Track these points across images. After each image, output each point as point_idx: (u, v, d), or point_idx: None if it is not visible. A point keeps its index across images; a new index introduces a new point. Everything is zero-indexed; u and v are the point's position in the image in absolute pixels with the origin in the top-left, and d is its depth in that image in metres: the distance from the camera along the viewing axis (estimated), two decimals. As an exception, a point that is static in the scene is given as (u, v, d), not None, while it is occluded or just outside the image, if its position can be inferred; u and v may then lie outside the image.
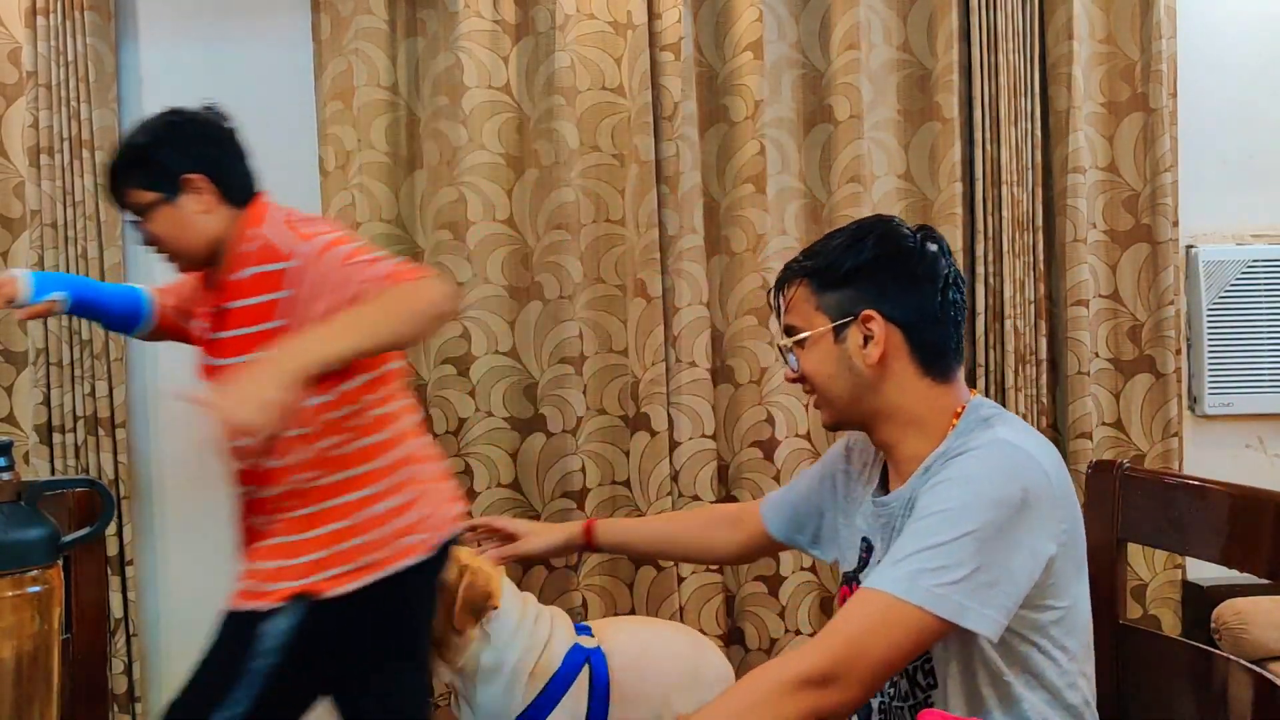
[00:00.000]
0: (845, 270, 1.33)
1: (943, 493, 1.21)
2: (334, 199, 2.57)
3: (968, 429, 1.30)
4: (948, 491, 1.21)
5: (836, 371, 1.33)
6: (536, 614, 2.07)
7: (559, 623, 2.10)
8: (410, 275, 1.62)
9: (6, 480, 0.92)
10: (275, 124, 2.64)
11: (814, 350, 1.34)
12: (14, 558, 0.91)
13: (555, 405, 2.62)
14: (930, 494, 1.22)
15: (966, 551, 1.16)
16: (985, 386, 2.65)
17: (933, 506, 1.20)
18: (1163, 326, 2.69)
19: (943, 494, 1.21)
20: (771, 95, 2.66)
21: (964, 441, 1.27)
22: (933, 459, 1.29)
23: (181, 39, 2.62)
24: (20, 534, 0.91)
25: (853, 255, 1.33)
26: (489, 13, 2.58)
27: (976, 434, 1.27)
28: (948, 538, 1.17)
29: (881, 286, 1.32)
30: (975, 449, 1.24)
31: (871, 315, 1.31)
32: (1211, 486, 1.34)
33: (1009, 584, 1.18)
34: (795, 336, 1.36)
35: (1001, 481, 1.20)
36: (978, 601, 1.16)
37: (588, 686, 2.04)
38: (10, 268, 2.54)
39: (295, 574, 1.65)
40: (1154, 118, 2.67)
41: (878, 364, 1.31)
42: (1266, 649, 2.43)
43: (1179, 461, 2.70)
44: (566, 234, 2.60)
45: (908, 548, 1.19)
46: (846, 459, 1.50)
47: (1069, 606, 1.26)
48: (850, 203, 2.64)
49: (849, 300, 1.32)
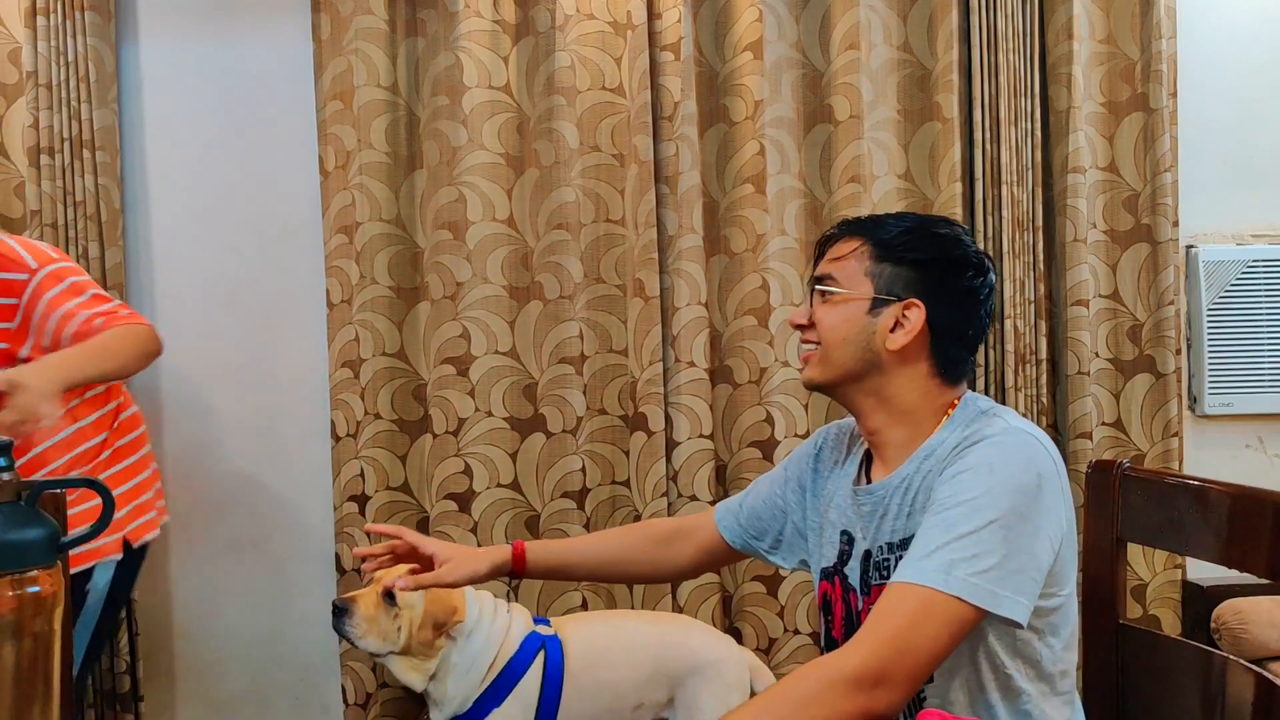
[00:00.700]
0: (912, 255, 1.33)
1: (965, 482, 1.21)
2: (334, 199, 2.57)
3: (968, 420, 1.30)
4: (970, 481, 1.21)
5: (851, 337, 1.32)
6: (495, 606, 2.18)
7: (516, 613, 2.20)
8: (128, 320, 1.95)
9: (6, 480, 0.92)
10: (275, 124, 2.65)
11: (841, 308, 1.33)
12: (14, 558, 0.91)
13: (555, 405, 2.62)
14: (951, 484, 1.22)
15: (995, 539, 1.16)
16: (985, 386, 2.65)
17: (958, 497, 1.20)
18: (1163, 326, 2.69)
19: (966, 484, 1.21)
20: (771, 95, 2.66)
21: (976, 431, 1.26)
22: (931, 447, 1.29)
23: (181, 39, 2.62)
24: (20, 534, 0.91)
25: (925, 245, 1.33)
26: (489, 13, 2.58)
27: (983, 424, 1.27)
28: (975, 526, 1.17)
29: (937, 287, 1.32)
30: (990, 437, 1.24)
31: (917, 306, 1.31)
32: (1211, 486, 1.34)
33: (1034, 569, 1.19)
34: (832, 287, 1.34)
35: (1020, 468, 1.21)
36: (1010, 589, 1.16)
37: (541, 672, 2.10)
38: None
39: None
40: (1154, 118, 2.67)
41: (898, 352, 1.31)
42: (1266, 649, 2.43)
43: (1179, 461, 2.70)
44: (566, 234, 2.60)
45: (936, 539, 1.18)
46: (815, 458, 1.50)
47: (1069, 594, 1.28)
48: (850, 203, 2.64)
49: (902, 283, 1.32)
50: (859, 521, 1.36)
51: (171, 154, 2.63)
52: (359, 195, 2.57)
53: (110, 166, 2.51)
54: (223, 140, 2.64)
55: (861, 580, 1.35)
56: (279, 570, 2.67)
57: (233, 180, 2.64)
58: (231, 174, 2.64)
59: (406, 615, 2.08)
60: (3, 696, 0.90)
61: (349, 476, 2.59)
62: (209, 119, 2.63)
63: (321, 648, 2.64)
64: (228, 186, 2.64)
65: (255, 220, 2.65)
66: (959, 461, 1.24)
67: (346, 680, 2.58)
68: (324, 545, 2.64)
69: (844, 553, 1.39)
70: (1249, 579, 1.33)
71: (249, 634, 2.65)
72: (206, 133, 2.63)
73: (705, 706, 2.17)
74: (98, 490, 1.01)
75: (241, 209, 2.64)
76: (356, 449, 2.59)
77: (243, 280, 2.64)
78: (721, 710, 1.92)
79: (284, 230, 2.65)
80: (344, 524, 2.59)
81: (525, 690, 2.12)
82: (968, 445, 1.25)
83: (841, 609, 1.38)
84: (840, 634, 1.39)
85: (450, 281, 2.59)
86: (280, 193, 2.65)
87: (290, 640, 2.67)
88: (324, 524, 2.63)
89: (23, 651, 0.91)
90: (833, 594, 1.40)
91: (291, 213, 2.64)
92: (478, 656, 2.11)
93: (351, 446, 2.59)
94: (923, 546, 1.19)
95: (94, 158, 2.48)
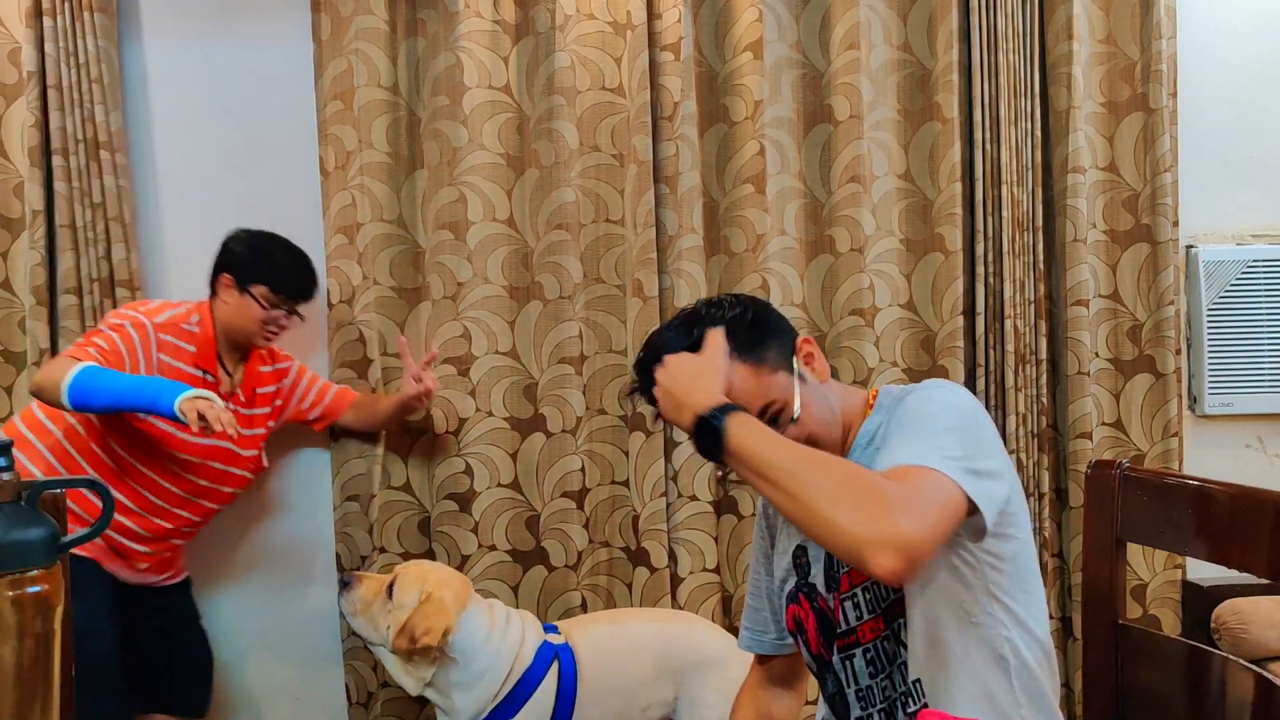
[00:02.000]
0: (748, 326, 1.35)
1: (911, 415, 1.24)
2: (334, 199, 2.57)
3: (892, 402, 1.34)
4: (915, 413, 1.24)
5: (816, 404, 1.36)
6: (506, 618, 2.16)
7: (528, 624, 2.20)
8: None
9: (6, 480, 0.92)
10: (274, 125, 2.65)
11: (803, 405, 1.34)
12: (14, 558, 0.90)
13: (555, 405, 2.62)
14: (898, 426, 1.24)
15: (954, 442, 1.18)
16: (985, 386, 2.65)
17: (907, 428, 1.22)
18: (1163, 326, 2.69)
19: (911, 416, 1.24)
20: (771, 95, 2.66)
21: (911, 388, 1.32)
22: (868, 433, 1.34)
23: (182, 39, 2.62)
24: (20, 534, 0.91)
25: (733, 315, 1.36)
26: (489, 13, 2.58)
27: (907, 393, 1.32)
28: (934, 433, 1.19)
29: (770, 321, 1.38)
30: (916, 390, 1.31)
31: (805, 340, 1.38)
32: (1211, 486, 1.34)
33: (997, 479, 1.20)
34: (791, 409, 1.33)
35: (954, 396, 1.27)
36: (983, 484, 1.16)
37: (556, 683, 2.10)
38: (5, 266, 2.55)
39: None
40: (1154, 118, 2.67)
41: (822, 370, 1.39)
42: (1266, 649, 2.43)
43: (1179, 461, 2.70)
44: (566, 234, 2.60)
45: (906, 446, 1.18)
46: (765, 514, 1.53)
47: (1024, 541, 1.30)
48: (850, 203, 2.64)
49: (777, 342, 1.36)
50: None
51: (171, 154, 2.63)
52: (359, 195, 2.57)
53: (126, 168, 2.52)
54: (223, 140, 2.63)
55: (827, 578, 1.36)
56: (279, 569, 2.67)
57: (233, 180, 2.64)
58: (231, 174, 2.64)
59: (395, 615, 2.09)
60: (3, 696, 0.90)
61: (349, 476, 2.60)
62: (208, 119, 2.63)
63: (322, 646, 2.64)
64: (228, 186, 2.64)
65: (256, 220, 2.65)
66: (899, 409, 1.28)
67: (349, 679, 2.58)
68: (324, 544, 2.64)
69: (801, 565, 1.40)
70: (1249, 579, 1.33)
71: (250, 633, 2.65)
72: (206, 132, 2.63)
73: (709, 701, 2.17)
74: (98, 490, 1.01)
75: (243, 208, 2.64)
76: (359, 448, 2.59)
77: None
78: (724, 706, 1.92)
79: (285, 231, 2.64)
80: (343, 524, 2.59)
81: (539, 702, 2.12)
82: (903, 398, 1.30)
83: (814, 621, 1.39)
84: (817, 646, 1.39)
85: (451, 281, 2.59)
86: (280, 194, 2.65)
87: (291, 639, 2.68)
88: (324, 524, 2.64)
89: (23, 651, 0.91)
90: (802, 612, 1.41)
91: (292, 213, 2.64)
92: (486, 673, 2.11)
93: (354, 446, 2.59)
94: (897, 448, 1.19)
95: (112, 159, 2.48)
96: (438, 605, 2.08)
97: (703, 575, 2.63)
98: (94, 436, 2.20)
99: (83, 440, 2.19)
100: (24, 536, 0.91)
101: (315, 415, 2.52)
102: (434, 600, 2.08)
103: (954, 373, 2.63)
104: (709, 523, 2.64)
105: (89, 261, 2.47)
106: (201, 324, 2.27)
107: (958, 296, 2.64)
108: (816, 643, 1.38)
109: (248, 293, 2.26)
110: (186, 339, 2.23)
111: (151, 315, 2.20)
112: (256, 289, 2.26)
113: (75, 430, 2.19)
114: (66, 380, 1.98)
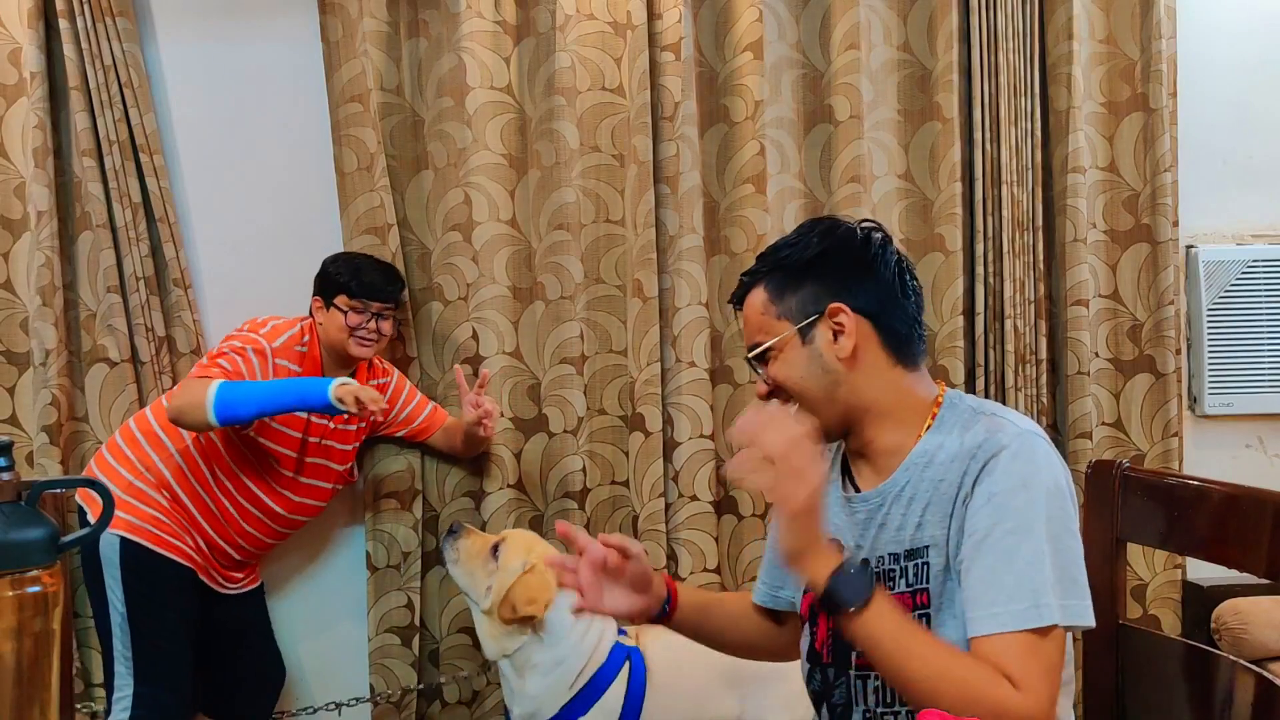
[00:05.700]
0: (800, 268, 1.29)
1: (1004, 505, 1.18)
2: (359, 200, 2.55)
3: (962, 423, 1.26)
4: (1009, 502, 1.18)
5: (807, 373, 1.29)
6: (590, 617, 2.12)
7: (607, 622, 2.17)
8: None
9: (6, 480, 0.92)
10: (278, 125, 2.65)
11: (782, 358, 1.30)
12: (14, 558, 0.91)
13: (557, 405, 2.62)
14: (989, 509, 1.19)
15: (1049, 563, 1.15)
16: (985, 386, 2.65)
17: (1003, 524, 1.17)
18: (1163, 326, 2.69)
19: (1005, 507, 1.18)
20: (771, 95, 2.66)
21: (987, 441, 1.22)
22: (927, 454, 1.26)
23: (186, 39, 2.62)
24: (20, 534, 0.91)
25: (802, 252, 1.30)
26: (490, 13, 2.58)
27: (988, 428, 1.23)
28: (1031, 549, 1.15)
29: (841, 278, 1.29)
30: (1008, 447, 1.20)
31: (840, 308, 1.28)
32: (1211, 486, 1.34)
33: (1080, 567, 1.19)
34: (759, 350, 1.31)
35: (1047, 474, 1.19)
36: (1074, 596, 1.16)
37: (625, 684, 2.09)
38: (7, 266, 2.55)
39: None
40: (1154, 118, 2.67)
41: (850, 357, 1.28)
42: (1266, 649, 2.43)
43: (1179, 461, 2.70)
44: (567, 234, 2.60)
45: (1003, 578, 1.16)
46: None
47: None
48: (850, 203, 2.64)
49: (810, 298, 1.29)
50: (852, 529, 1.32)
51: (191, 154, 2.63)
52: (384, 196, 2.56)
53: (165, 169, 2.54)
54: (238, 141, 2.64)
55: None
56: (310, 568, 2.69)
57: (251, 180, 2.65)
58: (249, 174, 2.65)
59: (500, 579, 2.09)
60: (3, 696, 0.90)
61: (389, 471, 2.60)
62: (221, 119, 2.63)
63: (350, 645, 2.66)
64: (246, 186, 2.65)
65: (271, 221, 2.66)
66: (987, 480, 1.19)
67: (375, 677, 2.58)
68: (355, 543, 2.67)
69: None
70: (1249, 579, 1.33)
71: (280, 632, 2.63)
72: (220, 133, 2.63)
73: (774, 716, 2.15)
74: (98, 490, 1.01)
75: (259, 209, 2.65)
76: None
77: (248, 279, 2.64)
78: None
79: (301, 232, 2.64)
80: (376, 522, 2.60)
81: (609, 702, 2.10)
82: (987, 457, 1.20)
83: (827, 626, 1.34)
84: (823, 648, 1.34)
85: (462, 283, 2.60)
86: (289, 196, 2.66)
87: (319, 638, 2.69)
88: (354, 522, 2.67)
89: (23, 651, 0.91)
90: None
91: (306, 215, 2.64)
92: (564, 661, 2.10)
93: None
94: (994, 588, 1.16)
95: (152, 161, 2.50)
96: (542, 577, 2.06)
97: (703, 575, 2.63)
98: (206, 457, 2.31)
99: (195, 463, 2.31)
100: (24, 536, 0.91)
101: (412, 429, 2.55)
102: (538, 572, 2.07)
103: (954, 373, 2.64)
104: (709, 523, 2.64)
105: (133, 261, 2.49)
106: (310, 344, 2.37)
107: (958, 296, 2.64)
108: (825, 644, 1.35)
109: (333, 305, 2.36)
110: (296, 360, 2.33)
111: (271, 339, 2.30)
112: (338, 299, 2.35)
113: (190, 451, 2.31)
114: (210, 398, 2.11)
